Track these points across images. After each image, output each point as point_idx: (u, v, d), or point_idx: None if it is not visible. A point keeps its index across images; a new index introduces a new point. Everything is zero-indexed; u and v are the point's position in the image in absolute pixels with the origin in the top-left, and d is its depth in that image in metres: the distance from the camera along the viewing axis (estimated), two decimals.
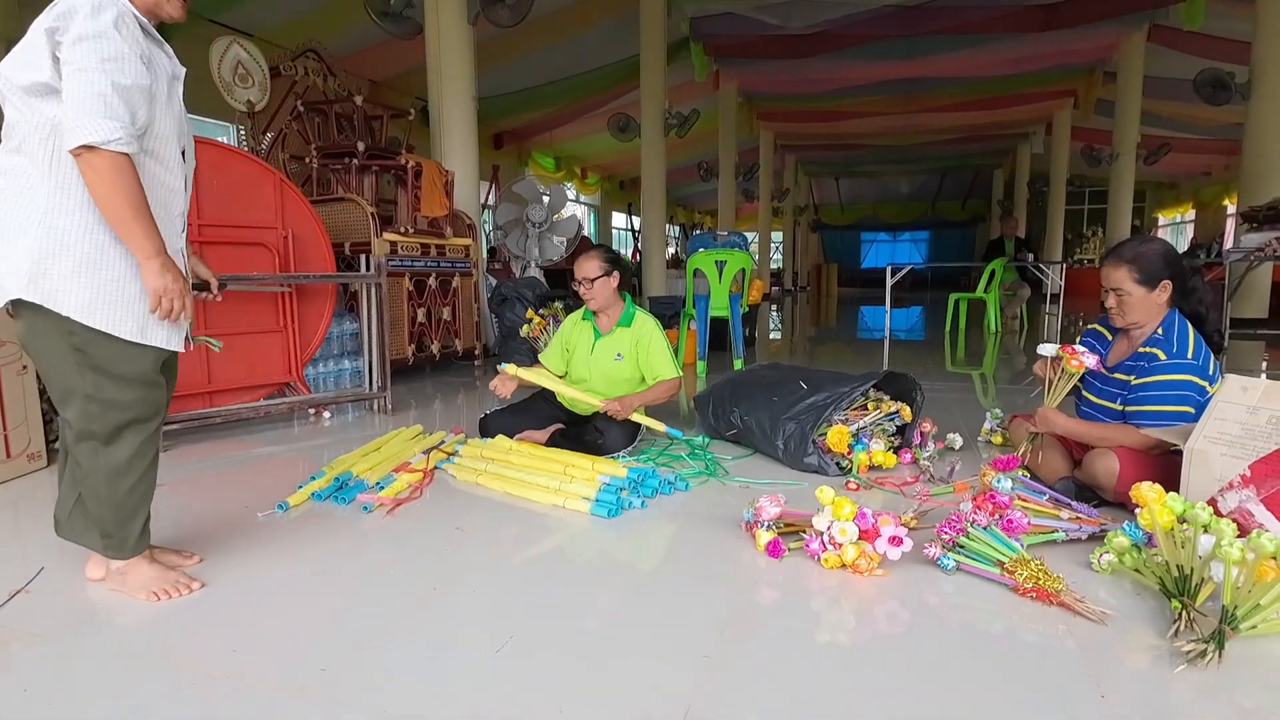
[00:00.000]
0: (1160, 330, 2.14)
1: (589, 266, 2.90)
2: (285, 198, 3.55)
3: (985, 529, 1.74)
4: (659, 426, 2.81)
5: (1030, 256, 8.14)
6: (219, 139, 8.92)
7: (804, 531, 1.85)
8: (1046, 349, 2.31)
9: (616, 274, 2.94)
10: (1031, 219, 17.76)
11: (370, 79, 9.84)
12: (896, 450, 2.66)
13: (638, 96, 9.94)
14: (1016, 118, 15.37)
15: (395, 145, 5.07)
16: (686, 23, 10.50)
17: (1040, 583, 1.57)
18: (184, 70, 1.62)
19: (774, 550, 1.82)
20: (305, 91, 4.89)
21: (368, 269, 3.84)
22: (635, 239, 15.83)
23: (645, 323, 2.92)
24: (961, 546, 1.74)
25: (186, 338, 1.66)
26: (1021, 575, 1.59)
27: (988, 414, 3.09)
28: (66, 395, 1.53)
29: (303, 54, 4.90)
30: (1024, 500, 1.95)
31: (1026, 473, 2.23)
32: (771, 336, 8.36)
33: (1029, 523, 1.80)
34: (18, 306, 1.50)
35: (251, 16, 8.11)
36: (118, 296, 1.50)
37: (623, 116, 11.02)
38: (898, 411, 2.70)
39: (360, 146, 4.55)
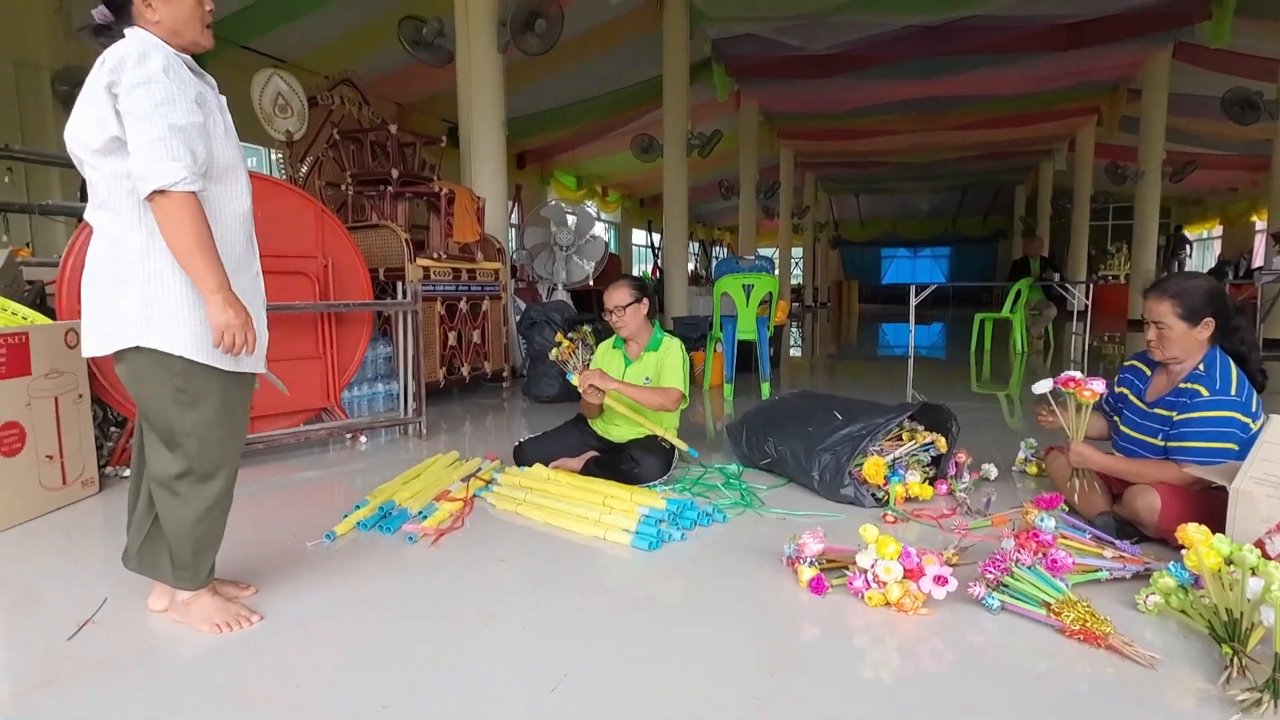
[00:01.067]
0: (1202, 366, 2.14)
1: (619, 295, 2.94)
2: (325, 227, 3.64)
3: (1030, 568, 1.74)
4: (680, 444, 2.84)
5: (1056, 276, 8.09)
6: (249, 161, 9.14)
7: (847, 568, 1.87)
8: (1041, 386, 2.33)
9: (645, 301, 2.98)
10: (1055, 235, 17.62)
11: (397, 102, 10.04)
12: (932, 481, 2.66)
13: (660, 116, 10.05)
14: (1039, 134, 15.32)
15: (426, 169, 5.17)
16: (708, 44, 10.62)
17: (1088, 625, 1.58)
18: (225, 98, 1.69)
19: (817, 587, 1.84)
20: (341, 120, 5.01)
21: (403, 295, 3.92)
22: (656, 256, 15.94)
23: (671, 345, 2.96)
24: (1006, 586, 1.75)
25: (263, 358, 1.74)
26: (1069, 617, 1.60)
27: (1021, 444, 3.09)
28: (171, 434, 1.60)
29: (339, 83, 5.03)
30: (1066, 538, 1.95)
31: (1065, 507, 2.23)
32: (793, 354, 8.36)
33: (1073, 562, 1.80)
34: (123, 355, 1.57)
35: (285, 43, 8.32)
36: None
37: (645, 137, 11.14)
38: (933, 442, 2.71)
39: (394, 173, 4.65)
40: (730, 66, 11.47)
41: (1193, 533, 1.68)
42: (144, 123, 1.43)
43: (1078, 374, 2.22)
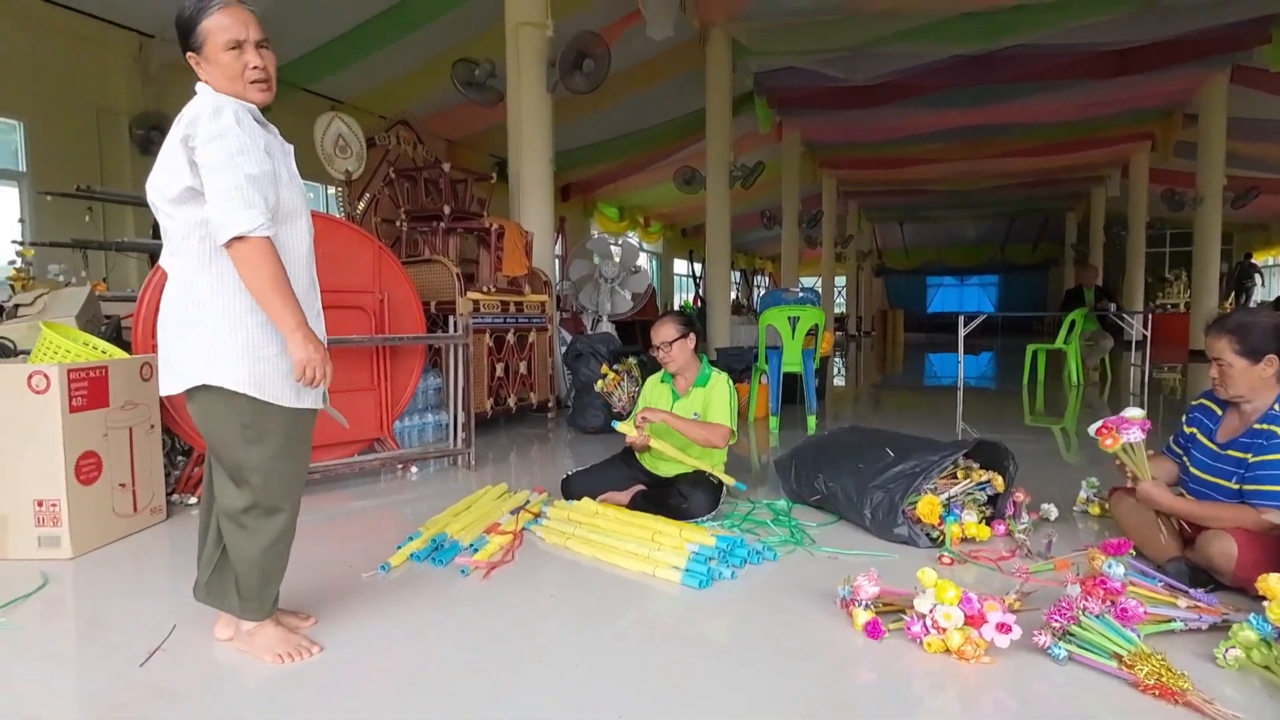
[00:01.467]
0: (1277, 406, 2.05)
1: (665, 330, 2.96)
2: (382, 263, 3.77)
3: (1098, 617, 1.68)
4: (728, 479, 2.82)
5: (1112, 306, 7.85)
6: (308, 196, 9.53)
7: (904, 612, 1.82)
8: (1095, 427, 2.26)
9: (692, 335, 3.00)
10: (1109, 263, 17.14)
11: (447, 139, 10.38)
12: (989, 521, 2.59)
13: (702, 148, 10.17)
14: (1089, 161, 15.02)
15: (475, 204, 5.32)
16: (750, 77, 10.74)
17: (1163, 680, 1.51)
18: (292, 146, 1.78)
19: (873, 631, 1.80)
20: (397, 159, 5.20)
21: (454, 328, 4.01)
22: (697, 286, 15.98)
23: (719, 380, 2.96)
24: (1073, 635, 1.69)
25: (324, 394, 1.79)
26: (1143, 671, 1.53)
27: (1083, 483, 2.99)
28: (238, 470, 1.66)
29: (396, 124, 5.23)
30: (1136, 586, 1.87)
31: (1134, 552, 2.15)
32: (838, 384, 8.25)
33: (1145, 611, 1.73)
34: (193, 392, 1.64)
35: (342, 85, 8.71)
36: (277, 370, 1.65)
37: (688, 169, 11.26)
38: (989, 481, 2.64)
39: (447, 210, 4.80)
40: (772, 98, 11.58)
41: (1275, 583, 1.60)
42: (220, 173, 1.51)
43: (1131, 413, 2.15)
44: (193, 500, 3.08)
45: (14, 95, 6.50)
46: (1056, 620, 1.70)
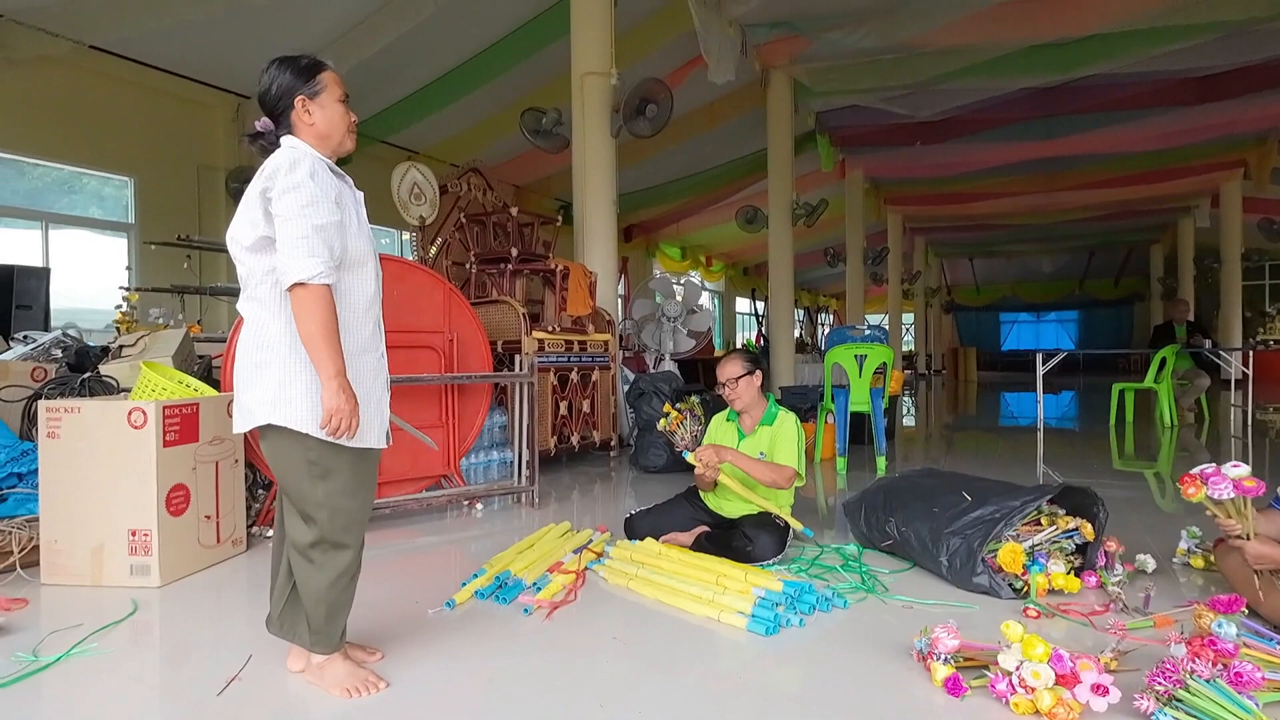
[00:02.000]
0: None
1: (731, 367, 2.94)
2: (452, 304, 3.89)
3: (1209, 682, 1.53)
4: (795, 523, 2.75)
5: (1208, 343, 7.37)
6: (382, 242, 9.98)
7: (988, 668, 1.71)
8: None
9: (758, 373, 2.97)
10: (1200, 297, 16.17)
11: (514, 184, 10.75)
12: (1078, 572, 2.43)
13: (764, 187, 10.20)
14: (1175, 191, 14.30)
15: (540, 246, 5.46)
16: (812, 117, 10.76)
17: None
18: (362, 194, 1.88)
19: (954, 688, 1.70)
20: (467, 205, 5.41)
21: (519, 367, 4.09)
22: (760, 324, 15.89)
23: (786, 419, 2.91)
24: (1180, 701, 1.54)
25: (387, 433, 1.85)
26: None
27: (1184, 532, 2.77)
28: (305, 505, 1.71)
29: (467, 172, 5.46)
30: (1251, 648, 1.71)
31: (1247, 611, 1.96)
32: (907, 424, 7.98)
33: (1263, 677, 1.57)
34: (264, 430, 1.72)
35: (418, 136, 9.18)
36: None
37: (750, 209, 11.30)
38: (1077, 529, 2.48)
39: (514, 252, 4.94)
40: (835, 137, 11.55)
41: None
42: (290, 223, 1.61)
43: (1235, 471, 1.98)
44: (270, 533, 3.20)
45: (127, 155, 7.11)
46: (1160, 683, 1.56)
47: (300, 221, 1.61)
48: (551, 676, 1.87)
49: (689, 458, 2.85)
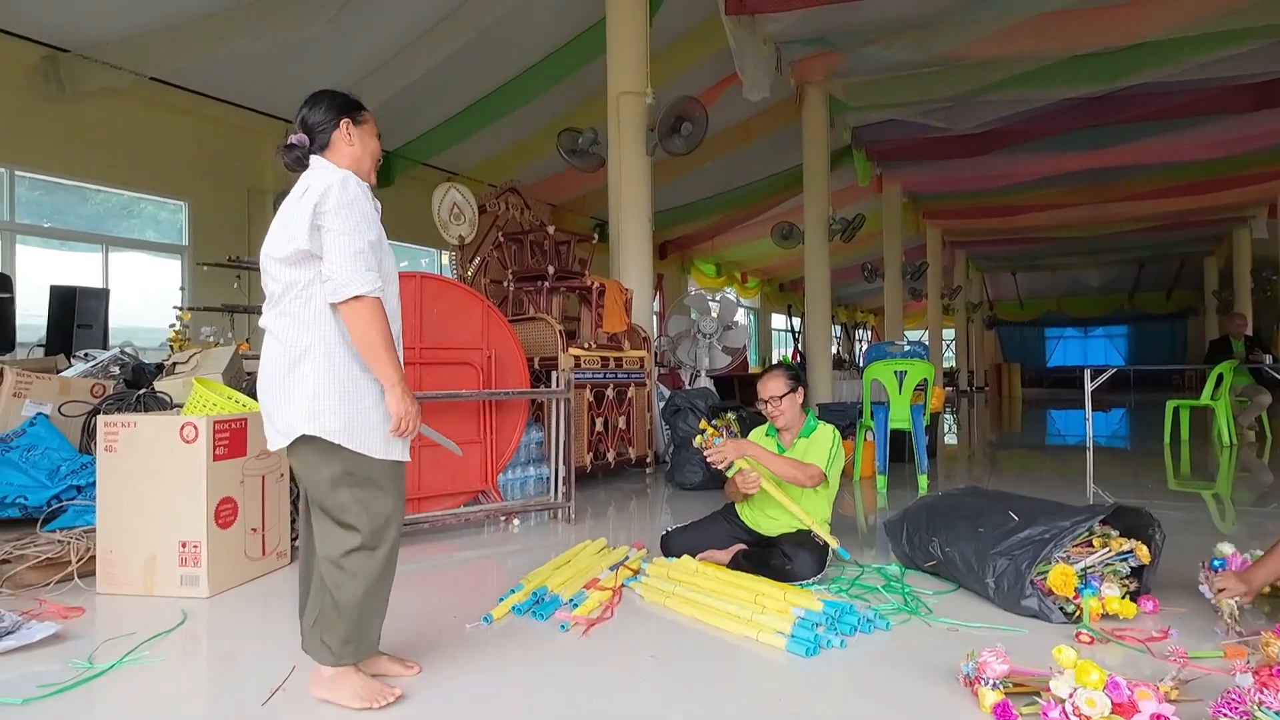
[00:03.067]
0: None
1: (775, 385, 2.90)
2: (490, 321, 3.95)
3: (1278, 714, 1.45)
4: (833, 541, 2.69)
5: (1269, 358, 7.07)
6: (422, 262, 10.19)
7: (1039, 695, 1.65)
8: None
9: (801, 390, 2.95)
10: (1258, 310, 15.58)
11: (551, 203, 10.90)
12: (1134, 596, 2.33)
13: (800, 202, 10.16)
14: (1229, 201, 13.83)
15: (577, 264, 5.52)
16: (848, 132, 10.71)
17: None
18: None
19: (1003, 715, 1.63)
20: (505, 224, 5.50)
21: (556, 383, 4.12)
22: (796, 340, 15.75)
23: (823, 431, 2.87)
24: None
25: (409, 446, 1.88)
26: None
27: (1248, 556, 2.64)
28: (344, 514, 1.73)
29: (505, 191, 5.55)
30: None
31: None
32: (949, 442, 7.79)
33: None
34: (295, 444, 1.74)
35: (457, 158, 9.39)
36: (369, 421, 1.75)
37: (786, 224, 11.26)
38: (1132, 551, 2.38)
39: (550, 270, 4.99)
40: (872, 152, 11.47)
41: None
42: (345, 238, 1.66)
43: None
44: None
45: (182, 180, 7.41)
46: (1225, 714, 1.49)
47: (356, 237, 1.67)
48: (589, 694, 1.85)
49: (731, 473, 2.81)
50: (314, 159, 1.81)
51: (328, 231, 1.67)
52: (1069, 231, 16.42)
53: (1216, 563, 2.37)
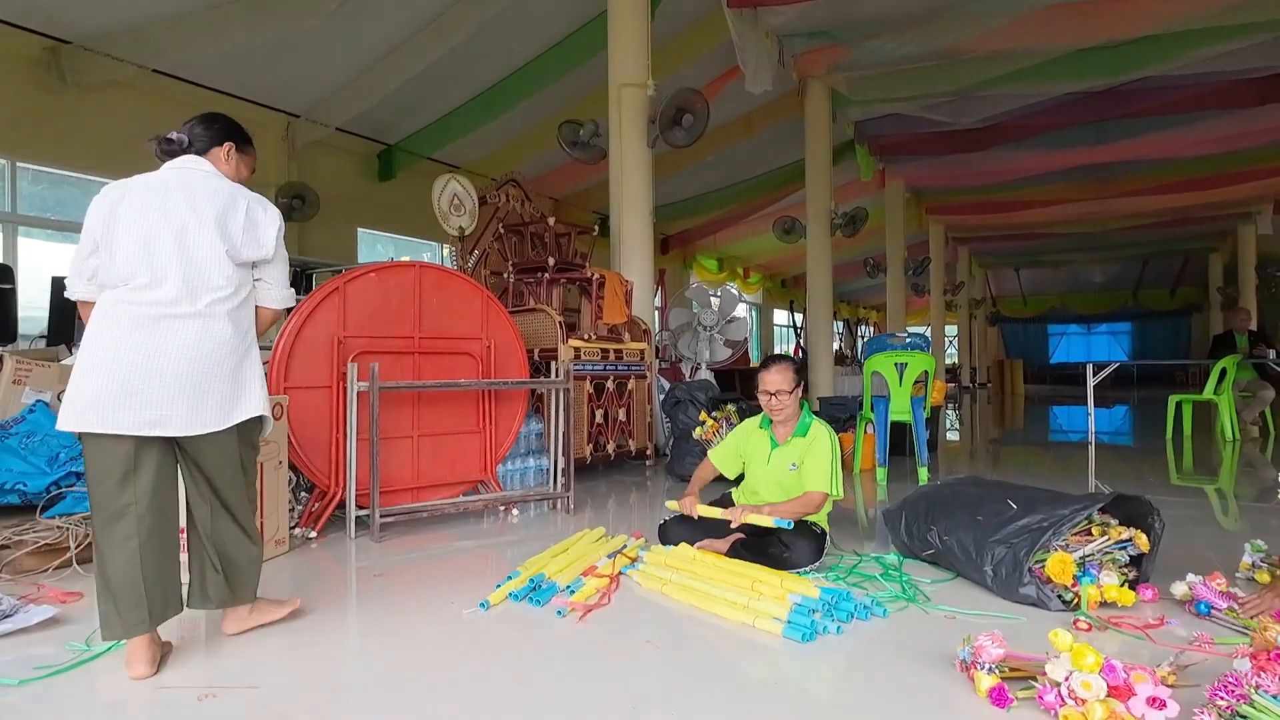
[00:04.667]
0: None
1: (780, 379, 2.85)
2: (490, 311, 3.94)
3: (1276, 698, 1.45)
4: (765, 521, 2.63)
5: (1272, 353, 7.04)
6: (424, 255, 10.19)
7: (1035, 679, 1.65)
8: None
9: (802, 384, 2.94)
10: (1264, 306, 15.52)
11: (553, 197, 10.89)
12: (1133, 585, 2.32)
13: (802, 197, 10.13)
14: (1234, 196, 13.76)
15: (578, 257, 5.51)
16: (851, 126, 10.67)
17: None
18: None
19: (999, 699, 1.63)
20: (506, 216, 5.49)
21: (555, 374, 4.12)
22: (798, 336, 15.73)
23: (820, 433, 2.84)
24: (1243, 717, 1.46)
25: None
26: None
27: (1247, 546, 2.63)
28: (246, 473, 2.08)
29: (506, 183, 5.54)
30: None
31: None
32: (950, 438, 7.78)
33: None
34: (243, 424, 1.99)
35: (459, 153, 9.38)
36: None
37: (788, 219, 11.23)
38: (1131, 539, 2.37)
39: (550, 262, 4.99)
40: (874, 146, 11.43)
41: None
42: (285, 262, 2.12)
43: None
44: (313, 534, 3.26)
45: None
46: (1222, 697, 1.48)
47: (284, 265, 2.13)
48: (584, 678, 1.85)
49: (669, 505, 2.90)
50: (193, 159, 2.07)
51: (279, 250, 2.07)
52: (1072, 227, 16.35)
53: (1202, 606, 2.20)
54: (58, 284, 4.93)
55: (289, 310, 2.29)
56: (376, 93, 7.72)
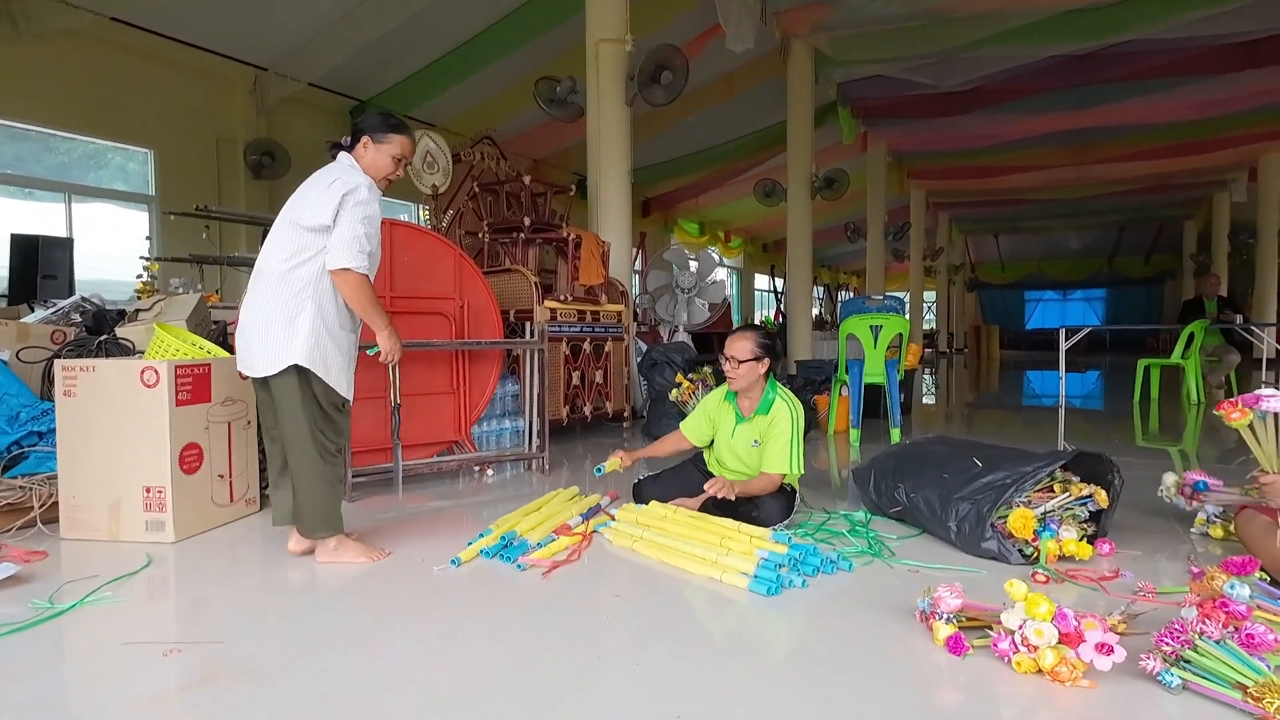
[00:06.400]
0: None
1: (741, 347, 2.80)
2: (463, 271, 3.89)
3: (1219, 643, 1.50)
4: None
5: (1239, 318, 7.17)
6: (401, 215, 10.02)
7: (990, 628, 1.69)
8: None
9: (767, 360, 2.82)
10: (1235, 274, 15.74)
11: (532, 157, 10.69)
12: (1091, 539, 2.38)
13: (784, 160, 10.04)
14: (1211, 164, 13.87)
15: (556, 217, 5.44)
16: (834, 88, 10.55)
17: None
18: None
19: (955, 647, 1.68)
20: (481, 174, 5.38)
21: (531, 335, 4.09)
22: (778, 301, 15.76)
23: (781, 412, 2.77)
24: (1188, 662, 1.51)
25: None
26: (1273, 705, 1.35)
27: (1165, 476, 2.72)
28: (326, 433, 2.36)
29: (480, 140, 5.42)
30: (1265, 610, 1.66)
31: (1264, 575, 1.91)
32: (926, 402, 7.89)
33: (1275, 639, 1.53)
34: (284, 370, 2.25)
35: (436, 111, 9.14)
36: (337, 362, 2.34)
37: (769, 182, 11.15)
38: (1091, 496, 2.43)
39: (526, 221, 4.91)
40: (857, 109, 11.32)
41: None
42: (352, 226, 2.23)
43: (1268, 392, 1.94)
44: None
45: (146, 127, 7.16)
46: (1168, 643, 1.53)
47: (358, 226, 2.23)
48: (550, 630, 1.87)
49: (607, 466, 2.91)
50: (343, 157, 2.37)
51: (342, 216, 2.22)
52: (1051, 194, 16.42)
53: (1200, 484, 2.54)
54: (17, 241, 4.77)
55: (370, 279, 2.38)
56: (349, 45, 7.47)
